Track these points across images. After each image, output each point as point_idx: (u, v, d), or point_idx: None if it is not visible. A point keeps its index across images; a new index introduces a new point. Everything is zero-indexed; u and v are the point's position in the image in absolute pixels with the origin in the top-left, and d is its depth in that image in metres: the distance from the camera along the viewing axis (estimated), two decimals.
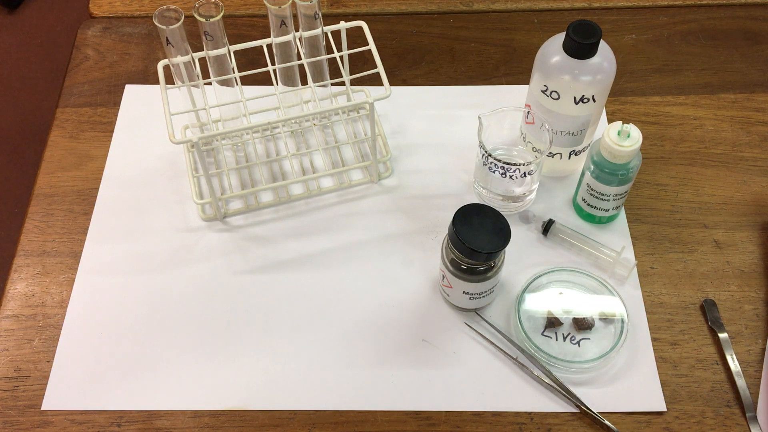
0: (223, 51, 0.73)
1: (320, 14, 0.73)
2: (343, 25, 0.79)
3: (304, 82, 0.81)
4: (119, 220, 0.80)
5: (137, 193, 0.82)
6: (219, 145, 0.84)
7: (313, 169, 0.83)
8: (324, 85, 0.81)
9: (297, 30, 0.76)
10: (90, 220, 0.80)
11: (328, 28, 0.78)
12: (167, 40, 0.70)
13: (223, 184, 0.82)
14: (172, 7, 0.68)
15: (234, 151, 0.84)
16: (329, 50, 0.79)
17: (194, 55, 0.74)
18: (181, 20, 0.69)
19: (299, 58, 0.78)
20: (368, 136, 0.85)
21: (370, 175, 0.82)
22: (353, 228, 0.79)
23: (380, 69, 0.74)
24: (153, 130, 0.85)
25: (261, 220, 0.80)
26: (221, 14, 0.69)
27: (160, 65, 0.76)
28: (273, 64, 0.78)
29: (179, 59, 0.72)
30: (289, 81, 0.79)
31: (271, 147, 0.85)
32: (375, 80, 0.77)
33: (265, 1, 0.70)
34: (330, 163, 0.84)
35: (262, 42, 0.79)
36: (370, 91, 0.88)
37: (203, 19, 0.69)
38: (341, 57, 0.80)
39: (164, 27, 0.68)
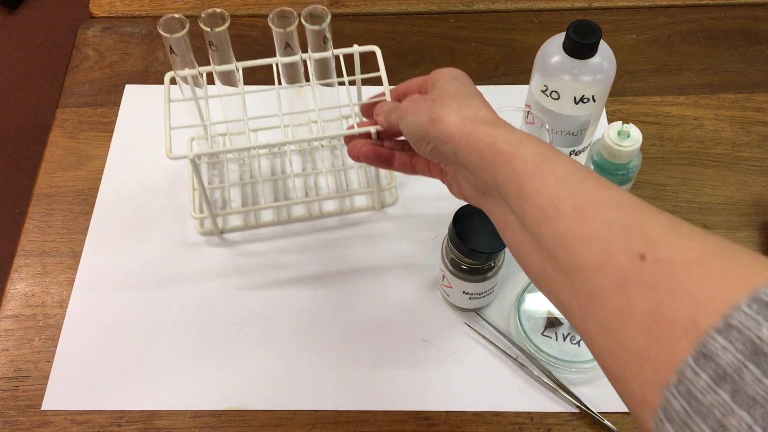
0: (231, 67, 0.71)
1: (330, 37, 0.70)
2: (356, 49, 0.76)
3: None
4: (119, 220, 0.80)
5: (137, 193, 0.81)
6: (224, 159, 0.83)
7: (317, 190, 0.82)
8: (333, 107, 0.77)
9: (306, 51, 0.72)
10: (90, 220, 0.80)
11: (339, 51, 0.74)
12: (171, 48, 0.69)
13: (225, 198, 0.81)
14: (176, 16, 0.67)
15: (239, 164, 0.83)
16: (338, 68, 0.75)
17: (200, 69, 0.72)
18: (186, 29, 0.67)
19: (307, 79, 0.74)
20: None
21: (374, 203, 0.80)
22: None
23: (387, 92, 0.70)
24: (153, 130, 0.85)
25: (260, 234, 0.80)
26: (227, 24, 0.67)
27: (166, 77, 0.74)
28: (279, 83, 0.75)
29: (187, 72, 0.70)
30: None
31: (277, 163, 0.84)
32: (376, 81, 0.77)
33: (270, 24, 0.67)
34: (335, 187, 0.82)
35: (271, 60, 0.75)
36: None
37: (208, 29, 0.67)
38: (351, 81, 0.76)
39: (168, 35, 0.67)
